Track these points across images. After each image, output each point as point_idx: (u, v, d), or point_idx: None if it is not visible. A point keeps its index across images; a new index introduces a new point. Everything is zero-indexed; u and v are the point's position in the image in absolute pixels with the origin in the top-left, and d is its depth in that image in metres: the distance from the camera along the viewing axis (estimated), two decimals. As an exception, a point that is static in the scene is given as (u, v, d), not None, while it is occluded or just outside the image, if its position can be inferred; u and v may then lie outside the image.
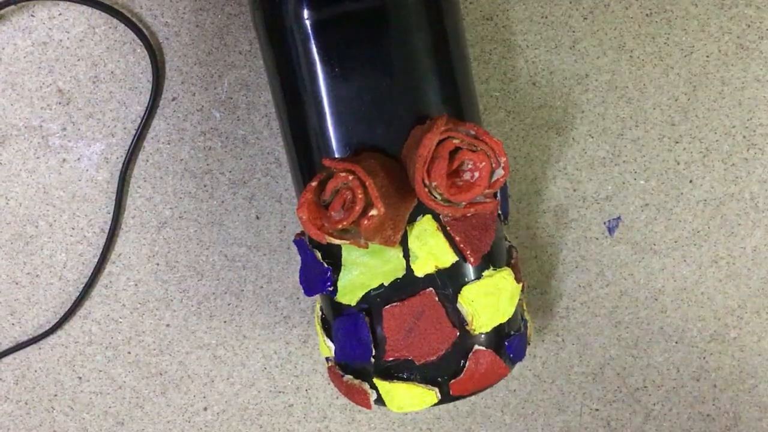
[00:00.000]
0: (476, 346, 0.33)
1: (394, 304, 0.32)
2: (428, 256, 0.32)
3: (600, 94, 0.41)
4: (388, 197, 0.30)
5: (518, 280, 0.35)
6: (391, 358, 0.33)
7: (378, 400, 0.34)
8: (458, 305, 0.33)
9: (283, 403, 0.43)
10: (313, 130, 0.32)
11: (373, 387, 0.34)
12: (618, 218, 0.42)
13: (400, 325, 0.32)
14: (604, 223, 0.42)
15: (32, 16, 0.38)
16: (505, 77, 0.40)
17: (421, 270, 0.32)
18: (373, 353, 0.33)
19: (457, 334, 0.33)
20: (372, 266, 0.32)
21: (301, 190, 0.34)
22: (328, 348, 0.35)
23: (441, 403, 0.34)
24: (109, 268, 0.41)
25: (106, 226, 0.41)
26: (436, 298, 0.32)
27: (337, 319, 0.34)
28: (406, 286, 0.32)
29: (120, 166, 0.40)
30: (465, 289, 0.33)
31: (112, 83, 0.39)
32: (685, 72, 0.41)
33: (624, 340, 0.43)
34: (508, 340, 0.35)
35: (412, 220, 0.32)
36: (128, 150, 0.40)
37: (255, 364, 0.43)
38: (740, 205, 0.42)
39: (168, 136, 0.40)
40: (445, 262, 0.32)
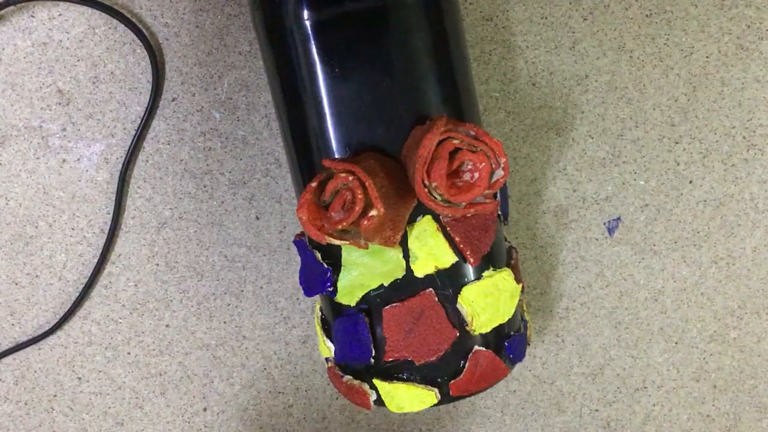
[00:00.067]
0: (476, 347, 0.33)
1: (394, 305, 0.32)
2: (428, 256, 0.32)
3: (600, 95, 0.41)
4: (388, 198, 0.30)
5: (518, 280, 0.35)
6: (391, 359, 0.33)
7: (378, 401, 0.34)
8: (458, 306, 0.33)
9: (283, 404, 0.43)
10: (313, 131, 0.32)
11: (372, 387, 0.34)
12: (618, 219, 0.42)
13: (400, 326, 0.32)
14: (604, 224, 0.42)
15: (32, 16, 0.38)
16: (505, 78, 0.40)
17: (420, 270, 0.32)
18: (373, 354, 0.33)
19: (457, 335, 0.33)
20: (372, 267, 0.32)
21: (300, 190, 0.34)
22: (327, 348, 0.35)
23: (441, 403, 0.34)
24: (109, 268, 0.41)
25: (106, 227, 0.41)
26: (436, 299, 0.32)
27: (336, 319, 0.34)
28: (406, 286, 0.32)
29: (120, 166, 0.40)
30: (465, 290, 0.33)
31: (112, 84, 0.39)
32: (685, 73, 0.41)
33: (624, 341, 0.43)
34: (508, 341, 0.35)
35: (412, 221, 0.32)
36: (128, 150, 0.40)
37: (255, 364, 0.42)
38: (740, 205, 0.42)
39: (168, 136, 0.40)
40: (445, 263, 0.32)
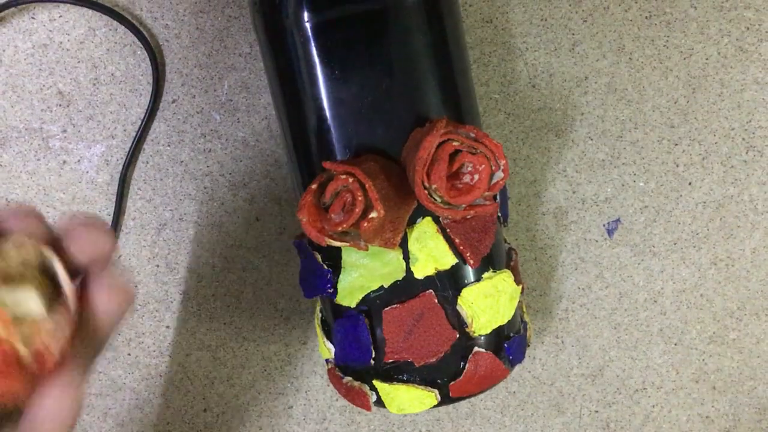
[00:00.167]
0: (476, 348, 0.33)
1: (394, 306, 0.32)
2: (428, 258, 0.32)
3: (599, 97, 0.41)
4: (388, 199, 0.30)
5: (518, 282, 0.35)
6: (391, 360, 0.33)
7: (378, 402, 0.34)
8: (458, 307, 0.33)
9: (283, 405, 0.43)
10: (313, 133, 0.32)
11: (372, 389, 0.34)
12: (617, 220, 0.42)
13: (400, 327, 0.32)
14: (604, 225, 0.42)
15: (33, 18, 0.38)
16: (505, 80, 0.40)
17: (420, 272, 0.32)
18: (373, 355, 0.33)
19: (457, 336, 0.33)
20: (372, 268, 0.32)
21: (301, 192, 0.34)
22: (327, 350, 0.35)
23: (440, 404, 0.34)
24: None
25: (106, 228, 0.41)
26: (436, 300, 0.32)
27: (336, 320, 0.34)
28: (406, 288, 0.32)
29: (120, 168, 0.40)
30: (465, 291, 0.33)
31: (112, 85, 0.39)
32: (685, 74, 0.41)
33: (623, 342, 0.43)
34: (508, 342, 0.35)
35: (412, 223, 0.32)
36: (128, 152, 0.40)
37: (255, 365, 0.43)
38: (739, 207, 0.42)
39: (168, 138, 0.40)
40: (445, 264, 0.32)
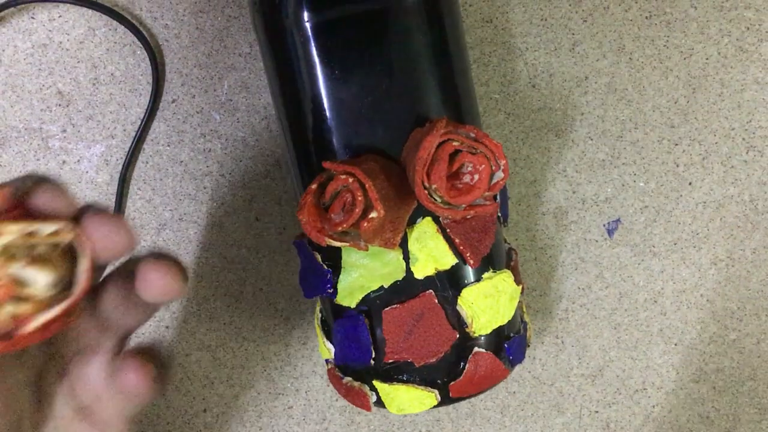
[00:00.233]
0: (476, 348, 0.33)
1: (394, 306, 0.32)
2: (428, 258, 0.32)
3: (599, 97, 0.41)
4: (388, 199, 0.30)
5: (518, 282, 0.35)
6: (391, 360, 0.33)
7: (377, 402, 0.34)
8: (458, 307, 0.33)
9: (283, 405, 0.43)
10: (313, 133, 0.32)
11: (372, 389, 0.34)
12: (617, 220, 0.42)
13: (400, 327, 0.32)
14: (604, 225, 0.42)
15: (32, 18, 0.38)
16: (505, 79, 0.40)
17: (420, 272, 0.32)
18: (373, 355, 0.33)
19: (457, 336, 0.33)
20: (372, 268, 0.32)
21: (300, 192, 0.34)
22: (327, 350, 0.35)
23: (440, 405, 0.34)
24: (110, 269, 0.41)
25: (106, 228, 0.41)
26: (436, 301, 0.32)
27: (336, 321, 0.34)
28: (406, 288, 0.32)
29: (120, 168, 0.40)
30: (465, 291, 0.33)
31: (112, 85, 0.39)
32: (685, 74, 0.41)
33: (623, 342, 0.43)
34: (508, 342, 0.35)
35: (412, 223, 0.32)
36: (128, 152, 0.40)
37: (254, 365, 0.42)
38: (739, 207, 0.42)
39: (168, 138, 0.40)
40: (445, 265, 0.32)
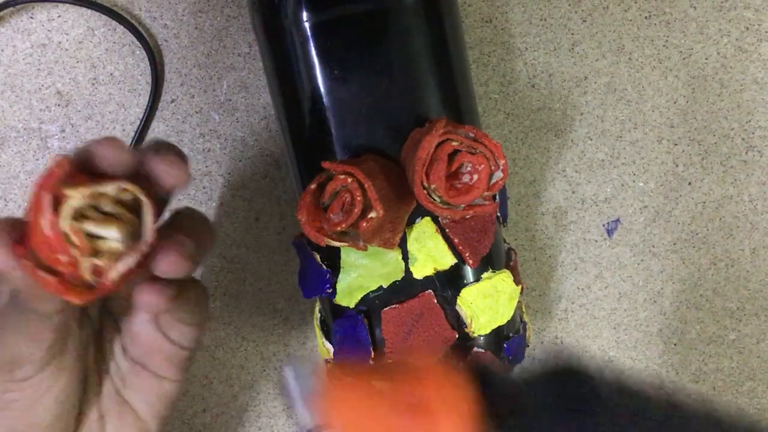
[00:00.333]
0: (475, 348, 0.33)
1: (393, 307, 0.32)
2: (427, 258, 0.32)
3: (599, 97, 0.41)
4: (387, 199, 0.30)
5: (517, 282, 0.35)
6: (390, 361, 0.33)
7: (377, 403, 0.34)
8: (457, 307, 0.33)
9: (282, 405, 0.43)
10: (312, 132, 0.32)
11: (371, 389, 0.34)
12: (617, 220, 0.42)
13: (399, 328, 0.32)
14: (603, 225, 0.42)
15: (31, 18, 0.38)
16: (504, 79, 0.40)
17: (420, 272, 0.32)
18: (372, 355, 0.33)
19: (456, 337, 0.33)
20: (371, 268, 0.32)
21: (300, 192, 0.34)
22: (326, 350, 0.35)
23: (440, 405, 0.34)
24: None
25: (105, 228, 0.41)
26: (435, 301, 0.32)
27: (336, 321, 0.34)
28: (405, 288, 0.32)
29: (119, 167, 0.40)
30: (464, 292, 0.33)
31: (111, 85, 0.39)
32: (684, 74, 0.41)
33: (623, 343, 0.43)
34: (507, 342, 0.35)
35: (411, 223, 0.32)
36: (127, 152, 0.40)
37: (254, 366, 0.42)
38: (739, 207, 0.42)
39: (167, 137, 0.40)
40: (444, 265, 0.32)
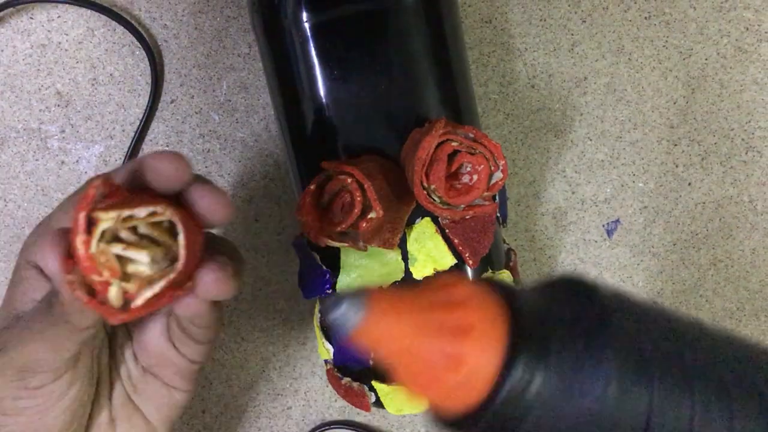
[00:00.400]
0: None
1: (393, 307, 0.32)
2: (427, 258, 0.32)
3: (598, 97, 0.41)
4: (387, 200, 0.30)
5: (517, 282, 0.35)
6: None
7: (376, 403, 0.34)
8: (457, 308, 0.33)
9: (282, 406, 0.43)
10: (312, 133, 0.32)
11: (371, 389, 0.34)
12: (617, 221, 0.42)
13: (399, 328, 0.32)
14: (603, 226, 0.42)
15: (31, 18, 0.38)
16: (504, 80, 0.40)
17: (419, 273, 0.32)
18: (372, 356, 0.33)
19: (456, 337, 0.33)
20: (371, 269, 0.32)
21: (299, 192, 0.34)
22: (326, 350, 0.35)
23: (439, 405, 0.34)
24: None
25: (105, 229, 0.41)
26: (435, 301, 0.32)
27: (335, 321, 0.34)
28: (405, 288, 0.32)
29: (119, 168, 0.40)
30: (464, 292, 0.33)
31: (110, 85, 0.39)
32: (684, 75, 0.41)
33: (623, 343, 0.43)
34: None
35: (411, 223, 0.32)
36: (127, 152, 0.40)
37: (253, 366, 0.42)
38: (739, 207, 0.42)
39: (167, 138, 0.40)
40: (444, 265, 0.32)
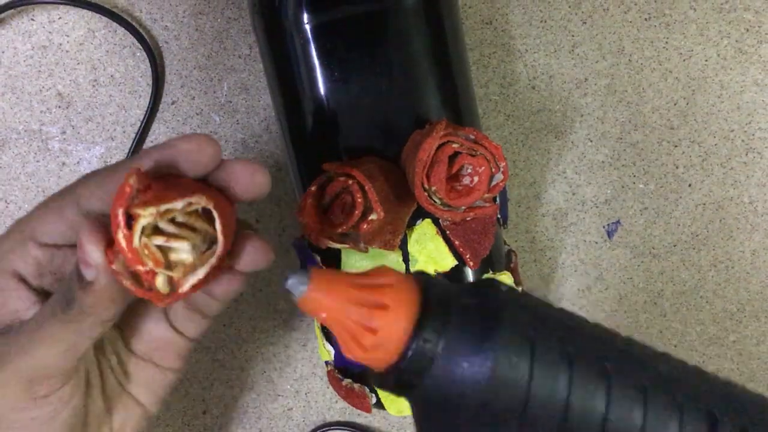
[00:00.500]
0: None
1: (394, 308, 0.32)
2: (428, 260, 0.32)
3: (599, 98, 0.41)
4: (388, 201, 0.30)
5: (517, 283, 0.35)
6: (391, 362, 0.33)
7: (377, 404, 0.34)
8: (457, 309, 0.33)
9: (282, 407, 0.43)
10: (313, 134, 0.32)
11: (372, 391, 0.34)
12: (617, 222, 0.42)
13: (400, 329, 0.32)
14: (604, 227, 0.42)
15: (32, 19, 0.38)
16: (505, 81, 0.40)
17: (420, 274, 0.32)
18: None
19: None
20: (371, 270, 0.32)
21: (300, 194, 0.34)
22: (327, 352, 0.35)
23: (440, 407, 0.34)
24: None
25: (106, 230, 0.41)
26: (436, 302, 0.32)
27: (336, 322, 0.34)
28: (406, 290, 0.32)
29: (119, 169, 0.40)
30: (464, 293, 0.33)
31: (111, 87, 0.39)
32: (684, 76, 0.41)
33: (623, 344, 0.43)
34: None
35: (412, 224, 0.32)
36: (128, 153, 0.40)
37: (254, 367, 0.42)
38: (739, 208, 0.42)
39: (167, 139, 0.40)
40: (445, 266, 0.32)
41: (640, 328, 0.43)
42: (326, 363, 0.37)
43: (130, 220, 0.23)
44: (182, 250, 0.24)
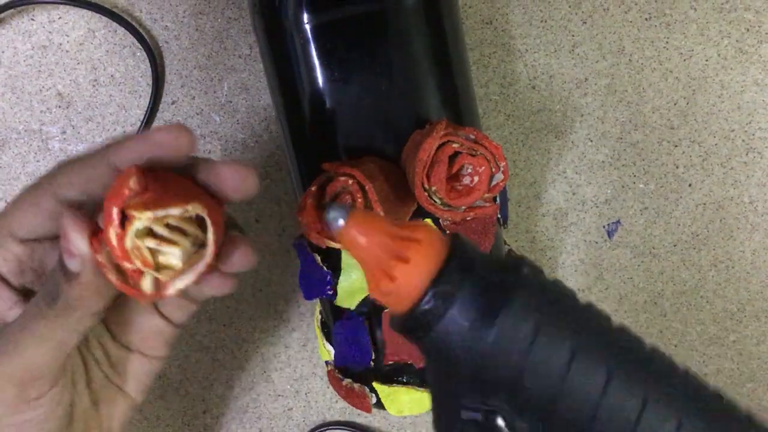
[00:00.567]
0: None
1: (394, 308, 0.32)
2: (428, 260, 0.32)
3: (599, 98, 0.41)
4: (388, 201, 0.30)
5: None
6: (391, 362, 0.33)
7: (377, 404, 0.34)
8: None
9: (283, 407, 0.43)
10: (313, 134, 0.32)
11: (372, 390, 0.34)
12: (617, 222, 0.42)
13: (400, 329, 0.32)
14: (604, 227, 0.42)
15: (32, 19, 0.38)
16: (505, 81, 0.40)
17: (420, 274, 0.32)
18: (373, 357, 0.33)
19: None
20: (371, 270, 0.32)
21: (300, 193, 0.34)
22: (327, 352, 0.35)
23: (440, 406, 0.34)
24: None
25: (106, 230, 0.41)
26: (436, 302, 0.32)
27: (336, 322, 0.34)
28: (406, 290, 0.32)
29: (119, 169, 0.40)
30: (464, 293, 0.33)
31: (111, 87, 0.39)
32: (684, 76, 0.41)
33: (623, 344, 0.43)
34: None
35: (412, 224, 0.32)
36: (128, 153, 0.40)
37: (254, 367, 0.42)
38: (739, 208, 0.42)
39: (168, 139, 0.40)
40: (445, 266, 0.32)
41: (641, 328, 0.43)
42: (326, 363, 0.37)
43: (124, 218, 0.23)
44: (173, 255, 0.24)
